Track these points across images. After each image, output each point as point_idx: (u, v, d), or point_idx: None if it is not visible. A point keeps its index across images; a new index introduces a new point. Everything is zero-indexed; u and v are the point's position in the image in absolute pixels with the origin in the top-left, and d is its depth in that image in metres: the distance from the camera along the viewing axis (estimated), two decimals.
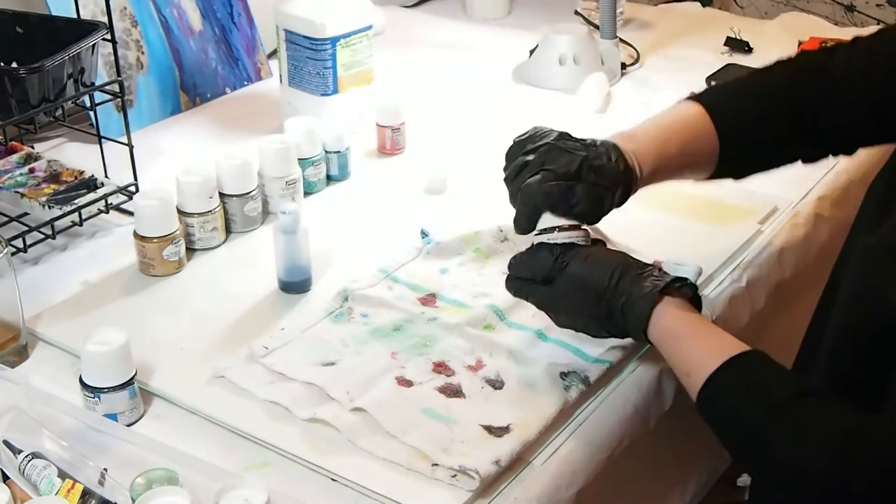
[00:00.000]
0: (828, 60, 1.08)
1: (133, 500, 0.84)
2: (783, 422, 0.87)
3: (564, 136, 1.02)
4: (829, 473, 0.82)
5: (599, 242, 1.03)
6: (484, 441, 0.92)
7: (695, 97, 1.10)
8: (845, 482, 0.82)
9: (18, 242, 1.18)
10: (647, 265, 0.99)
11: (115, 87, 1.29)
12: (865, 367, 0.92)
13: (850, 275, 0.95)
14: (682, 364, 0.95)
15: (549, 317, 1.02)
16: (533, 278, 1.00)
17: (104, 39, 1.27)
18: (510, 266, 1.03)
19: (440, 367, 1.01)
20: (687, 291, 0.97)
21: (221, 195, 1.23)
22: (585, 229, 1.01)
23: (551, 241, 0.99)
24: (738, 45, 1.77)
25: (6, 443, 0.88)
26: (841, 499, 0.83)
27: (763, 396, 0.89)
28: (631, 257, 1.00)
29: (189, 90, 1.58)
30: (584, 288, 0.98)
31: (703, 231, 1.25)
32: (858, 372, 0.93)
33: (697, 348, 0.94)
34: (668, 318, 0.95)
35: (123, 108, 1.29)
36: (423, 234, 1.21)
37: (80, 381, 0.96)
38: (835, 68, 1.07)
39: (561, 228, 0.99)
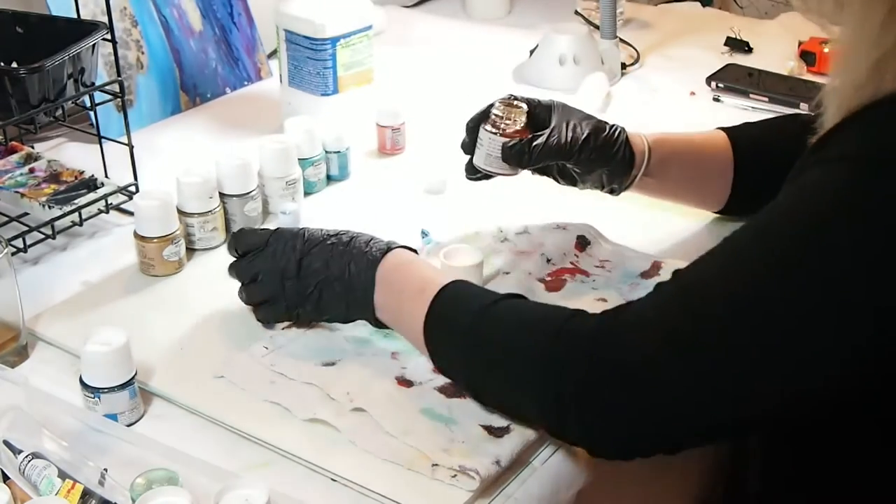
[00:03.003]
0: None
1: (133, 500, 0.84)
2: (493, 316, 0.91)
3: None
4: (546, 347, 0.86)
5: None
6: (484, 441, 0.92)
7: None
8: (563, 354, 0.85)
9: (18, 242, 1.18)
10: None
11: (115, 87, 1.28)
12: None
13: None
14: (408, 332, 0.98)
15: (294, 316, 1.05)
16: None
17: (104, 39, 1.27)
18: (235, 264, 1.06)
19: None
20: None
21: (221, 195, 1.22)
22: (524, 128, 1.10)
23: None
24: (738, 45, 1.77)
25: (6, 443, 0.88)
26: (558, 370, 0.85)
27: (468, 306, 0.93)
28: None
29: (189, 90, 1.58)
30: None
31: (703, 231, 1.24)
32: None
33: (408, 309, 0.97)
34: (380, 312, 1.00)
35: (123, 108, 1.29)
36: (423, 234, 1.21)
37: (80, 381, 0.96)
38: None
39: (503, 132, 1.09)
